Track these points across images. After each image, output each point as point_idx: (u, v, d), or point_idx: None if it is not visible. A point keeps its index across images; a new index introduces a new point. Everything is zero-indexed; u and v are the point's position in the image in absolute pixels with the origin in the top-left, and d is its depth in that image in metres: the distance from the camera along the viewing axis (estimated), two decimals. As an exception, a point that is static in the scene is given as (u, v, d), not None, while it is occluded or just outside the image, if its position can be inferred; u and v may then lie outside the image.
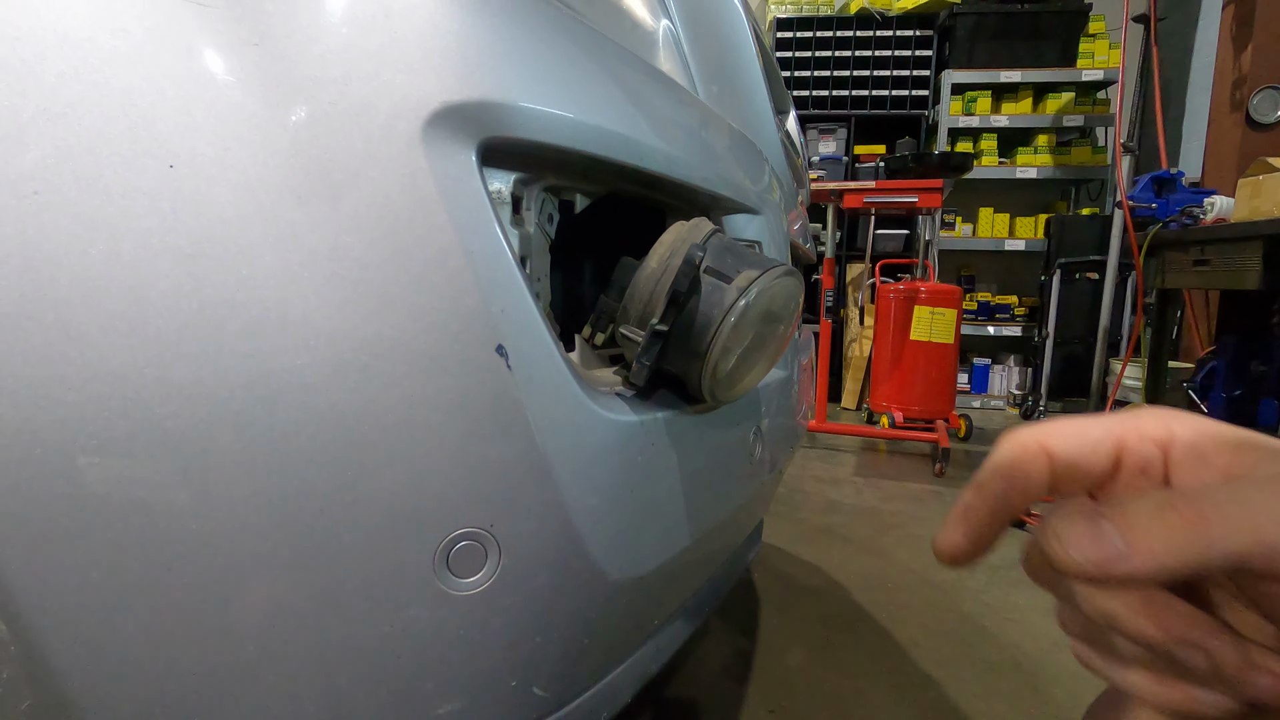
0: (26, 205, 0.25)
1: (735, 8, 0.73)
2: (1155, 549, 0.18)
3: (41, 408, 0.25)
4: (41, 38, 0.25)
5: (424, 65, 0.30)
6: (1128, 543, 0.18)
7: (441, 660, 0.33)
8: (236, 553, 0.28)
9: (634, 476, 0.39)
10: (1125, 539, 0.18)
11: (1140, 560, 0.18)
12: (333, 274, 0.28)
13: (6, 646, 0.27)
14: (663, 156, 0.43)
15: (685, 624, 0.57)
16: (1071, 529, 0.19)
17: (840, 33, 3.40)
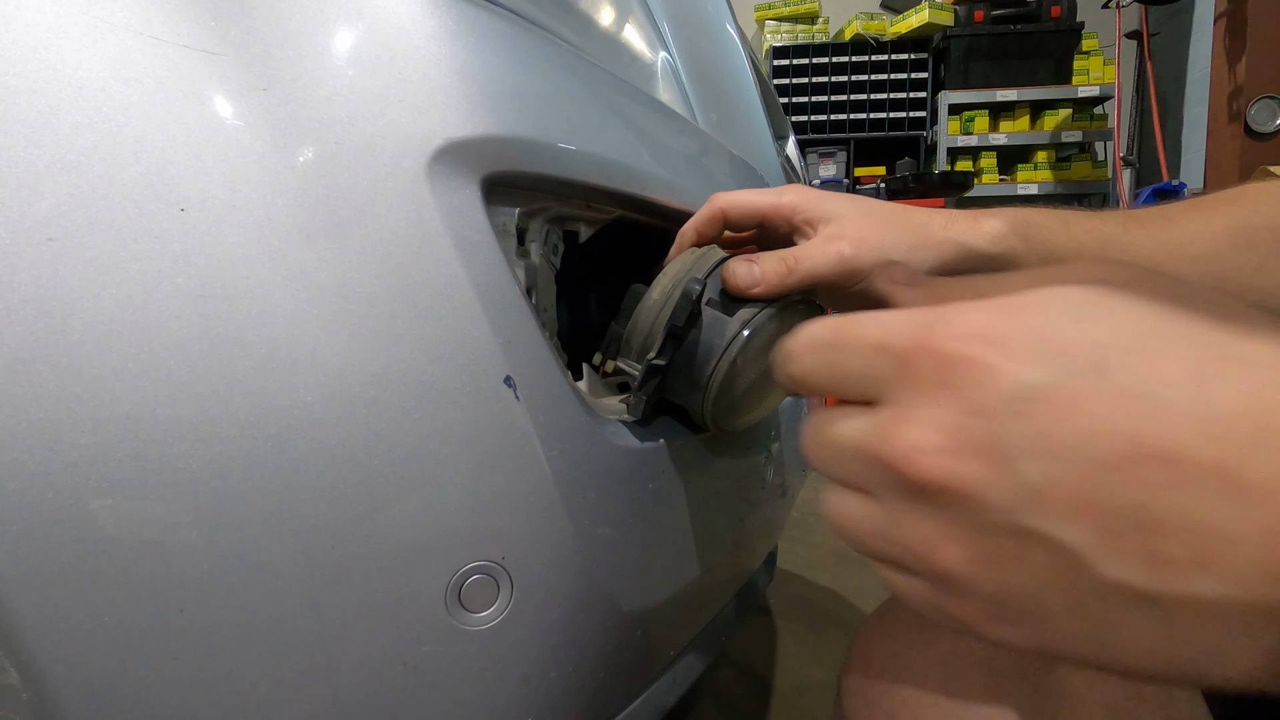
0: (41, 252, 0.25)
1: (732, 38, 0.74)
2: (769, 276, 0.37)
3: (55, 451, 0.25)
4: (58, 90, 0.26)
5: (428, 104, 0.30)
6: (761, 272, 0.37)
7: (455, 698, 0.32)
8: (248, 593, 0.28)
9: (645, 505, 0.38)
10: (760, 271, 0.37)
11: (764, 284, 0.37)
12: (341, 310, 0.28)
13: (18, 693, 0.26)
14: (665, 184, 0.43)
15: (701, 655, 0.56)
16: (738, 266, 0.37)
17: (836, 59, 3.45)
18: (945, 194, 2.49)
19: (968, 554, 0.19)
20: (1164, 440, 0.16)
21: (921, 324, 0.19)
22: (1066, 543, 0.17)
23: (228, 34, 0.28)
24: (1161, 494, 0.16)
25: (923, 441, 0.19)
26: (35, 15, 0.26)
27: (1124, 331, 0.18)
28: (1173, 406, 0.16)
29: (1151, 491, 0.16)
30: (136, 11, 0.27)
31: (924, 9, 3.34)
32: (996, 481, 0.18)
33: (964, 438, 0.18)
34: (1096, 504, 0.17)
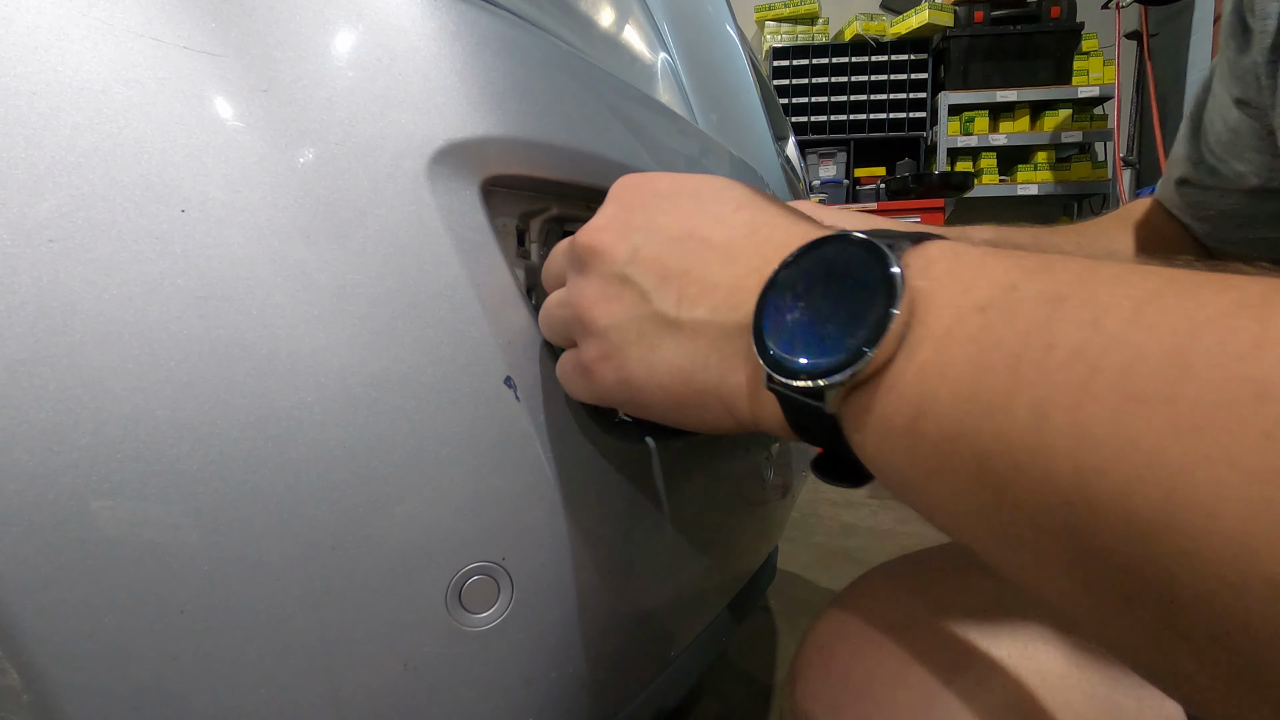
0: (42, 253, 0.25)
1: (732, 39, 0.74)
2: None
3: (55, 452, 0.25)
4: (58, 92, 0.26)
5: (428, 105, 0.30)
6: None
7: (455, 699, 0.32)
8: (249, 594, 0.28)
9: (645, 505, 0.38)
10: None
11: None
12: (341, 311, 0.28)
13: (18, 695, 0.26)
14: (665, 185, 0.43)
15: (702, 655, 0.56)
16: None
17: (835, 59, 3.45)
18: (945, 194, 2.49)
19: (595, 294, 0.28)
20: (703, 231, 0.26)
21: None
22: (643, 286, 0.26)
23: (228, 36, 0.28)
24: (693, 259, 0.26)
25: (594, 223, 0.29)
26: (36, 17, 0.26)
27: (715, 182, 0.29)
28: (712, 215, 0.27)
29: (689, 257, 0.26)
30: (137, 13, 0.27)
31: (924, 10, 3.34)
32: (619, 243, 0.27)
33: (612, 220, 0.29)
34: (659, 262, 0.26)
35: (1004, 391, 0.17)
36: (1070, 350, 0.16)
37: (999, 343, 0.17)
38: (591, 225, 0.29)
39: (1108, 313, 0.16)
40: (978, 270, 0.19)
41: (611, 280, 0.27)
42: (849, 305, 0.20)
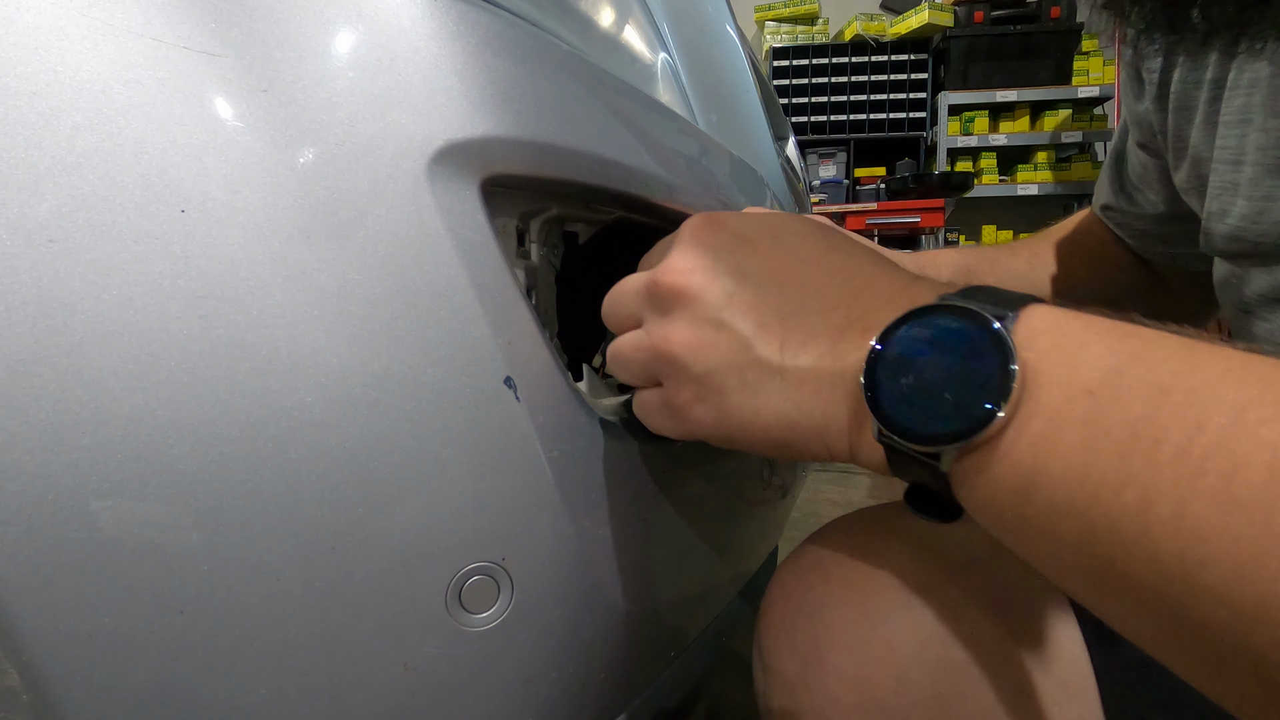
0: (42, 253, 0.25)
1: (732, 39, 0.74)
2: None
3: (55, 453, 0.25)
4: (58, 92, 0.26)
5: (428, 105, 0.30)
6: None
7: (455, 699, 0.32)
8: (249, 594, 0.28)
9: (645, 505, 0.38)
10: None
11: None
12: (341, 311, 0.28)
13: (18, 695, 0.26)
14: (665, 184, 0.43)
15: (702, 655, 0.56)
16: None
17: (835, 59, 3.45)
18: (945, 194, 2.50)
19: (686, 339, 0.28)
20: (797, 277, 0.27)
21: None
22: (741, 332, 0.27)
23: (228, 36, 0.28)
24: (792, 306, 0.26)
25: (676, 265, 0.29)
26: (36, 17, 0.26)
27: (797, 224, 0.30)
28: (801, 260, 0.27)
29: (787, 304, 0.27)
30: (137, 13, 0.27)
31: (924, 10, 3.35)
32: (710, 286, 0.28)
33: (697, 263, 0.28)
34: (756, 308, 0.27)
35: (1113, 478, 0.19)
36: (1176, 449, 0.18)
37: (1108, 430, 0.19)
38: (674, 267, 0.29)
39: (1210, 416, 0.18)
40: (1081, 348, 0.21)
41: (705, 324, 0.27)
42: (965, 375, 0.22)
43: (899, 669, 0.30)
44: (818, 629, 0.33)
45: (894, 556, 0.33)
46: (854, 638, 0.32)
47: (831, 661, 0.32)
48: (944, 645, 0.31)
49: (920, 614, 0.31)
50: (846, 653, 0.32)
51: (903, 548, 0.34)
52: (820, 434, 0.26)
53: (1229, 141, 0.43)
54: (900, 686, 0.30)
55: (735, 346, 0.27)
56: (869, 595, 0.32)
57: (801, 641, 0.33)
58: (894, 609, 0.32)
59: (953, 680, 0.30)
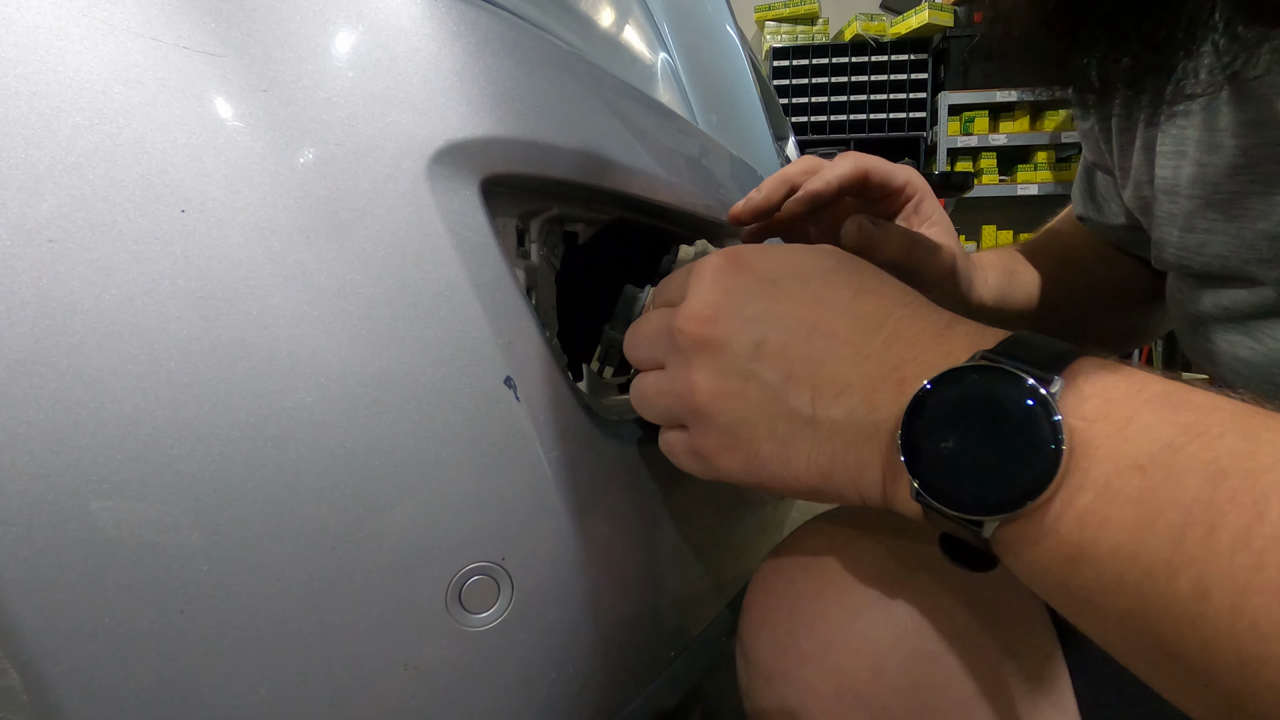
0: (42, 253, 0.25)
1: (732, 39, 0.74)
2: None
3: (55, 453, 0.25)
4: (58, 92, 0.26)
5: (428, 105, 0.30)
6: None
7: (455, 700, 0.32)
8: (249, 594, 0.28)
9: (645, 505, 0.38)
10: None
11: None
12: (341, 311, 0.28)
13: (18, 694, 0.26)
14: (665, 185, 0.43)
15: (702, 655, 0.56)
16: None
17: (835, 59, 3.45)
18: (945, 194, 2.50)
19: (713, 389, 0.27)
20: (828, 324, 0.26)
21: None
22: (771, 382, 0.26)
23: (228, 36, 0.28)
24: (824, 355, 0.26)
25: (698, 310, 0.28)
26: (36, 17, 0.26)
27: (822, 262, 0.29)
28: (829, 304, 0.26)
29: (819, 354, 0.26)
30: (137, 13, 0.27)
31: (924, 10, 3.34)
32: (735, 335, 0.27)
33: (720, 309, 0.27)
34: (785, 358, 0.26)
35: (1166, 561, 0.18)
36: (1234, 538, 0.17)
37: (1161, 510, 0.18)
38: (696, 313, 0.28)
39: (1271, 504, 0.17)
40: (1132, 418, 0.20)
41: (731, 374, 0.27)
42: (1007, 443, 0.21)
43: (876, 659, 0.30)
44: (796, 622, 0.33)
45: (870, 551, 0.33)
46: (831, 630, 0.32)
47: (810, 653, 0.32)
48: (919, 636, 0.31)
49: (896, 606, 0.31)
50: (824, 645, 0.32)
51: (879, 542, 0.33)
52: (854, 484, 0.26)
53: (1166, 173, 0.41)
54: (877, 676, 0.30)
55: (765, 398, 0.26)
56: (846, 589, 0.32)
57: (781, 635, 0.33)
58: (870, 601, 0.32)
59: (928, 669, 0.30)
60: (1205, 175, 0.38)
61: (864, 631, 0.31)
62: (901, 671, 0.30)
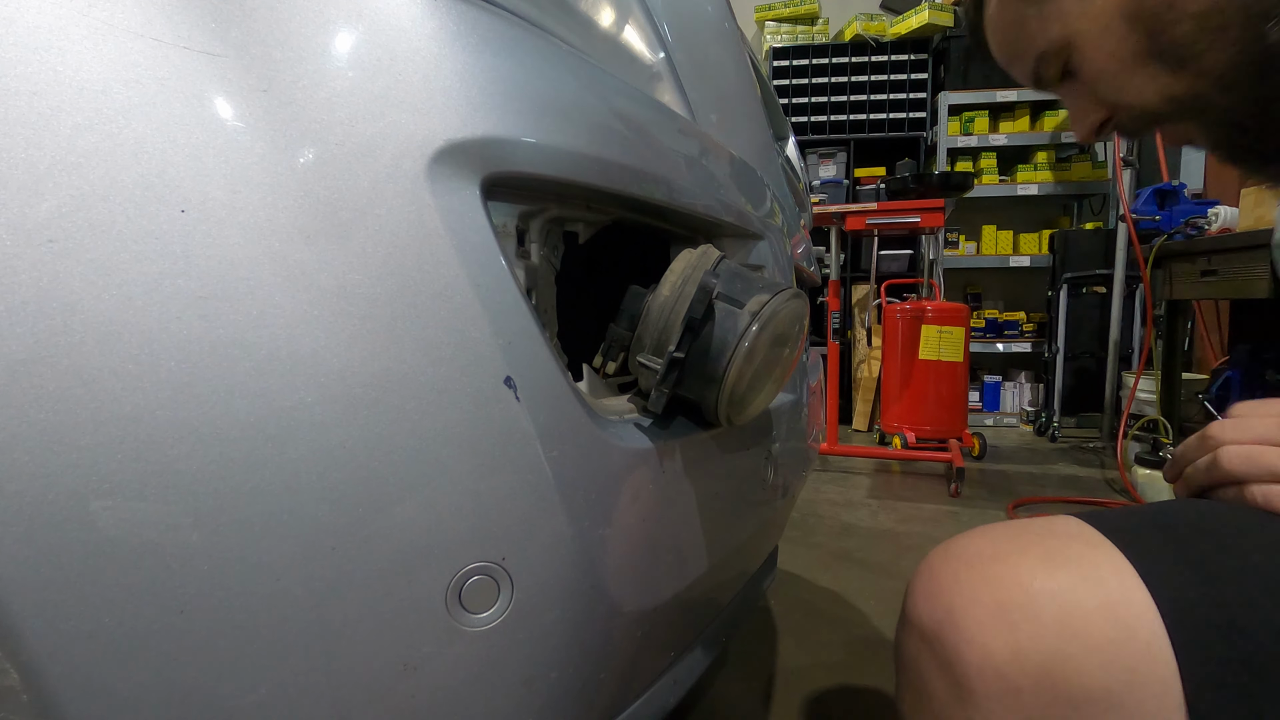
0: (42, 253, 0.25)
1: (732, 38, 0.74)
2: None
3: (55, 453, 0.25)
4: (59, 92, 0.26)
5: (428, 105, 0.30)
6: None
7: (456, 699, 0.32)
8: (249, 594, 0.28)
9: (646, 505, 0.38)
10: None
11: None
12: (341, 311, 0.28)
13: (18, 694, 0.26)
14: (664, 185, 0.43)
15: (703, 655, 0.56)
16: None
17: (835, 59, 3.45)
18: (945, 194, 2.49)
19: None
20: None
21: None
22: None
23: (228, 36, 0.28)
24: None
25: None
26: (36, 17, 0.26)
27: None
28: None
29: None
30: (137, 14, 0.27)
31: (924, 10, 3.34)
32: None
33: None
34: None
35: None
36: None
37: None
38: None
39: None
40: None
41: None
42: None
43: (1015, 642, 0.34)
44: (955, 594, 0.37)
45: (1030, 548, 0.37)
46: (982, 605, 0.36)
47: (961, 622, 0.36)
48: (1059, 633, 0.34)
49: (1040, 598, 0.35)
50: (975, 617, 0.36)
51: (1038, 545, 0.37)
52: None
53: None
54: (1016, 657, 0.34)
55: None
56: (1000, 573, 0.36)
57: (940, 604, 0.37)
58: (1022, 589, 0.35)
59: (1061, 664, 0.34)
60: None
61: (1013, 612, 0.35)
62: (1037, 655, 0.33)
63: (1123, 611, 0.34)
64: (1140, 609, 0.34)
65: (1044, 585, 0.35)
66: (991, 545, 0.38)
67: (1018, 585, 0.35)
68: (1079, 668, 0.33)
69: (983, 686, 0.35)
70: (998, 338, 3.38)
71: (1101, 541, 0.37)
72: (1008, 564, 0.36)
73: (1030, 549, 0.37)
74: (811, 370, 0.83)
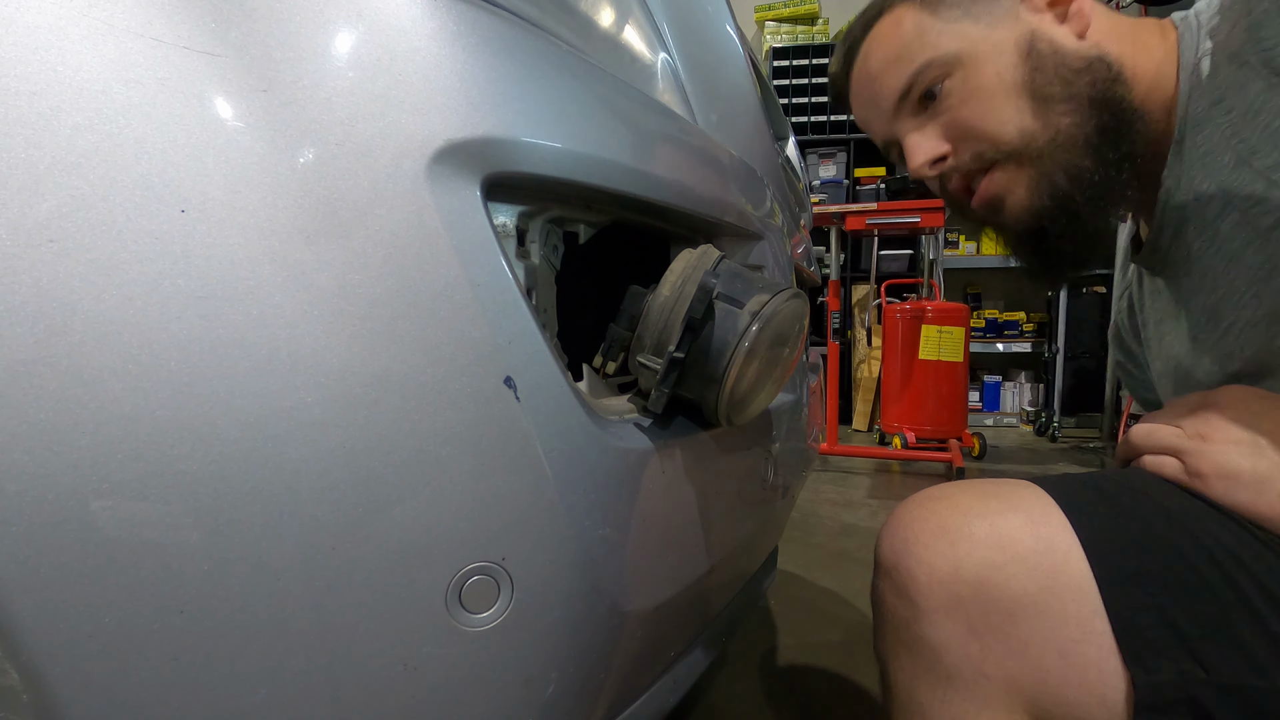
0: (42, 253, 0.25)
1: (731, 39, 0.74)
2: None
3: (55, 453, 0.25)
4: (59, 92, 0.26)
5: (428, 105, 0.30)
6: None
7: (456, 699, 0.32)
8: (249, 594, 0.28)
9: (646, 505, 0.38)
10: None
11: None
12: (341, 311, 0.28)
13: (18, 694, 0.26)
14: (664, 185, 0.43)
15: (703, 655, 0.56)
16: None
17: (836, 59, 3.44)
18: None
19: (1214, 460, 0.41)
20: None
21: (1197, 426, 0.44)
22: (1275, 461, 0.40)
23: (228, 36, 0.28)
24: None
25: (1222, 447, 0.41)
26: (36, 17, 0.26)
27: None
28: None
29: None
30: (137, 14, 0.27)
31: (924, 10, 3.34)
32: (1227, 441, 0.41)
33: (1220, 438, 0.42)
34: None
35: None
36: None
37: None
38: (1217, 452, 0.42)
39: None
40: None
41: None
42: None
43: (955, 560, 0.41)
44: (910, 530, 0.43)
45: (970, 497, 0.44)
46: (931, 535, 0.42)
47: (915, 551, 0.42)
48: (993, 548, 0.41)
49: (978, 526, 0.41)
50: (924, 546, 0.42)
51: (979, 498, 0.43)
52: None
53: None
54: (956, 572, 0.40)
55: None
56: (946, 514, 0.43)
57: (898, 539, 0.44)
58: (962, 521, 0.42)
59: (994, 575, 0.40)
60: None
61: (952, 532, 0.41)
62: (972, 565, 0.40)
63: (1044, 529, 0.40)
64: (1058, 528, 0.40)
65: (979, 510, 0.42)
66: (940, 490, 0.45)
67: (957, 511, 0.42)
68: (1008, 575, 0.40)
69: (931, 601, 0.41)
70: (998, 338, 3.38)
71: (1033, 486, 0.44)
72: (950, 500, 0.43)
73: (970, 489, 0.44)
74: (811, 370, 0.83)
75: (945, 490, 0.45)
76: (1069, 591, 0.39)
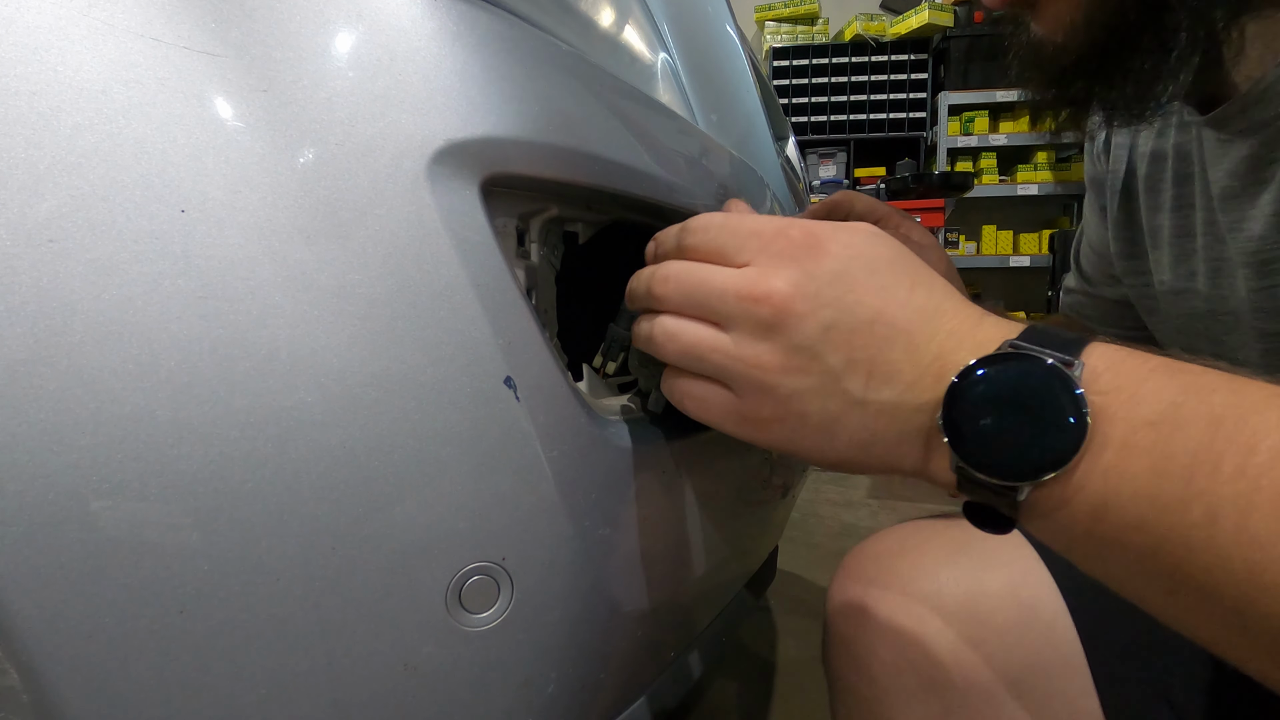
0: (42, 253, 0.25)
1: (732, 39, 0.74)
2: None
3: (55, 453, 0.25)
4: (58, 92, 0.26)
5: (428, 105, 0.30)
6: None
7: (455, 699, 0.32)
8: (249, 594, 0.28)
9: (646, 506, 0.38)
10: None
11: None
12: (341, 311, 0.28)
13: (18, 694, 0.26)
14: (665, 185, 0.43)
15: (703, 655, 0.56)
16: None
17: (835, 59, 3.45)
18: (945, 194, 2.50)
19: (779, 363, 0.29)
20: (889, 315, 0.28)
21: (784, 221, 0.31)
22: (832, 365, 0.28)
23: (228, 36, 0.28)
24: (882, 344, 0.28)
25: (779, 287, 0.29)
26: (36, 17, 0.26)
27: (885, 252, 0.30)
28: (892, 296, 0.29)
29: (878, 343, 0.28)
30: (137, 13, 0.27)
31: (924, 10, 3.34)
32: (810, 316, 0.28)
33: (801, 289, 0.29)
34: (850, 344, 0.28)
35: (1180, 497, 0.22)
36: (1234, 469, 0.21)
37: (1172, 456, 0.22)
38: (777, 288, 0.29)
39: (1260, 440, 0.21)
40: (1139, 384, 0.24)
41: (798, 351, 0.29)
42: (1040, 418, 0.24)
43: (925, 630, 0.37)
44: (867, 597, 0.40)
45: (932, 545, 0.40)
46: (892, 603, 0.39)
47: (877, 622, 0.39)
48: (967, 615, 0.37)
49: (946, 587, 0.38)
50: (886, 615, 0.38)
51: (940, 542, 0.40)
52: (891, 456, 0.29)
53: None
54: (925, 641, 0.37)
55: (825, 379, 0.28)
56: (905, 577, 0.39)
57: (853, 608, 0.40)
58: (928, 584, 0.38)
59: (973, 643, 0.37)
60: None
61: (920, 605, 0.37)
62: (947, 645, 0.36)
63: (1025, 592, 0.37)
64: (1041, 588, 0.37)
65: (950, 572, 0.38)
66: (900, 539, 0.41)
67: (924, 574, 0.38)
68: (988, 655, 0.36)
69: (899, 683, 0.37)
70: (998, 338, 3.37)
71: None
72: (915, 555, 0.39)
73: (937, 537, 0.40)
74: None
75: (906, 539, 0.40)
76: (1056, 667, 0.36)
